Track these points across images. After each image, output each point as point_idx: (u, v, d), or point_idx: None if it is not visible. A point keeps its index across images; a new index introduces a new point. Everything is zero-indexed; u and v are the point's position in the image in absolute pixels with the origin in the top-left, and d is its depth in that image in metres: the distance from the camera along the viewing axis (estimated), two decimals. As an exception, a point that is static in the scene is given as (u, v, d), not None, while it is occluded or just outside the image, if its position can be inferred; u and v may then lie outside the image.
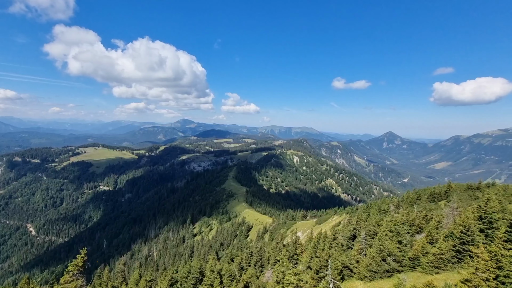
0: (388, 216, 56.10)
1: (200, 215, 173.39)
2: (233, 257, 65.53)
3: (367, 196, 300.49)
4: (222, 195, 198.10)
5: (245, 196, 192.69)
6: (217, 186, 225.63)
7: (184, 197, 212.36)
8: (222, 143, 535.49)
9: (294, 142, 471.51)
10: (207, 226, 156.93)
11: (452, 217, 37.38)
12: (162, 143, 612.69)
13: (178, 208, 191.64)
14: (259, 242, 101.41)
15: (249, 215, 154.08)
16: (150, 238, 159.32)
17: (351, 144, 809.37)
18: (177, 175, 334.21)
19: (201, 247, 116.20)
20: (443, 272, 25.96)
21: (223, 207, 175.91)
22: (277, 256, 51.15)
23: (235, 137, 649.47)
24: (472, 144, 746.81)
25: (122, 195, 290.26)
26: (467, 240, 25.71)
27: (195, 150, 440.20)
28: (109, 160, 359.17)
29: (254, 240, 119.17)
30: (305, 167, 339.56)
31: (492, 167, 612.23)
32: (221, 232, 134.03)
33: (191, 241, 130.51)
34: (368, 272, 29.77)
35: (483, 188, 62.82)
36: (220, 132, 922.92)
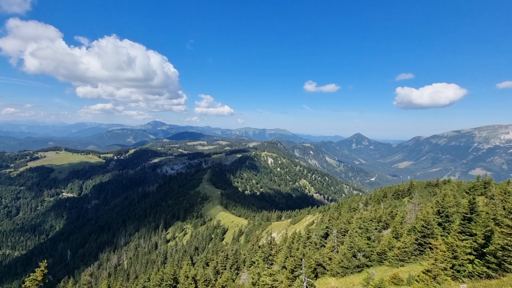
0: (357, 213, 58.94)
1: (173, 220, 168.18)
2: (208, 261, 64.48)
3: (338, 195, 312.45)
4: (197, 199, 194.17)
5: (220, 198, 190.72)
6: (191, 189, 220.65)
7: (157, 201, 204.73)
8: (196, 146, 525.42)
9: (268, 144, 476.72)
10: (181, 231, 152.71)
11: (414, 213, 40.24)
12: (132, 146, 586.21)
13: (150, 213, 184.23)
14: (234, 244, 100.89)
15: (224, 218, 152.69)
16: (119, 246, 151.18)
17: (322, 145, 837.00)
18: (149, 179, 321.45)
19: (175, 252, 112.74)
20: (407, 265, 27.84)
21: (198, 210, 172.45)
22: (252, 257, 51.29)
23: (209, 139, 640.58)
24: (431, 144, 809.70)
25: (88, 202, 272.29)
26: (427, 233, 27.86)
27: (167, 153, 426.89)
28: (73, 164, 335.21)
29: (229, 242, 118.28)
30: (279, 168, 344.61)
31: (448, 165, 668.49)
32: (196, 237, 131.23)
33: (164, 247, 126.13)
34: (340, 269, 31.00)
35: (440, 185, 68.39)
36: (194, 135, 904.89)
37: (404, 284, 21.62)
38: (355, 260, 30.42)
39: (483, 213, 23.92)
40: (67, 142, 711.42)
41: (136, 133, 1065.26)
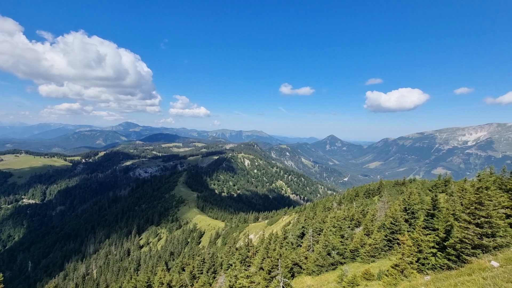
0: (332, 212, 60.92)
1: (147, 225, 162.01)
2: (184, 266, 62.96)
3: (313, 195, 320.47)
4: (172, 202, 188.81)
5: (196, 201, 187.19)
6: (166, 192, 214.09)
7: (129, 206, 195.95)
8: (171, 148, 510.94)
9: (245, 146, 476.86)
10: (156, 236, 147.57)
11: (384, 210, 42.48)
12: (102, 149, 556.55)
13: (122, 219, 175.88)
14: (211, 247, 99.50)
15: (201, 220, 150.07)
16: (88, 254, 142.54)
17: (298, 146, 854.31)
18: (120, 183, 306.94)
19: (149, 259, 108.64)
20: (378, 260, 29.31)
21: (173, 214, 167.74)
22: (230, 260, 50.97)
23: (185, 141, 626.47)
24: (398, 145, 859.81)
25: (52, 208, 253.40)
26: (396, 229, 29.58)
27: (140, 155, 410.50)
28: (34, 168, 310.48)
29: (206, 246, 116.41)
30: (256, 170, 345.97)
31: (413, 165, 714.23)
32: (171, 241, 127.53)
33: (138, 254, 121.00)
34: (315, 267, 31.85)
35: (406, 184, 72.84)
36: (169, 136, 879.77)
37: (375, 279, 22.75)
38: (329, 258, 31.43)
39: (444, 209, 25.89)
40: (28, 144, 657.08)
41: (106, 134, 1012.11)
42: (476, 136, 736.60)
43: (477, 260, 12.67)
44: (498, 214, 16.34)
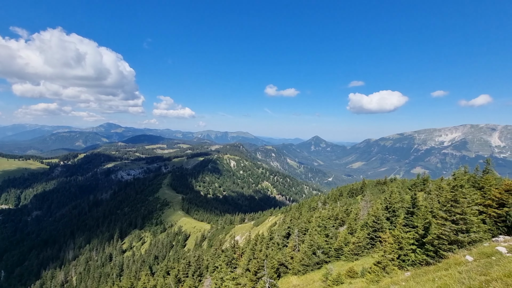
0: (317, 212, 61.87)
1: (130, 229, 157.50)
2: (169, 270, 61.72)
3: (299, 196, 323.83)
4: (156, 205, 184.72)
5: (181, 204, 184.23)
6: (149, 195, 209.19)
7: (111, 210, 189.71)
8: (155, 149, 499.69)
9: (230, 147, 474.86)
10: (139, 240, 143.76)
11: (366, 209, 43.65)
12: (82, 150, 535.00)
13: (104, 223, 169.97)
14: (197, 250, 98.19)
15: (186, 223, 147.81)
16: (67, 261, 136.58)
17: (284, 147, 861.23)
18: (102, 186, 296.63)
19: (132, 263, 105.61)
20: (361, 258, 30.08)
21: (157, 217, 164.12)
22: (216, 262, 50.52)
23: (169, 143, 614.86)
24: (379, 146, 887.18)
25: (28, 214, 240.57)
26: (378, 227, 30.49)
27: (123, 157, 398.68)
28: (7, 172, 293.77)
29: (192, 249, 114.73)
30: (242, 171, 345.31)
31: (394, 165, 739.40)
32: (155, 245, 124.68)
33: (120, 258, 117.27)
34: (301, 267, 32.22)
35: (388, 183, 75.25)
36: (152, 138, 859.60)
37: (359, 277, 23.33)
38: (314, 257, 31.91)
39: (423, 207, 26.99)
40: (1, 146, 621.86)
41: (86, 136, 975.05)
42: (451, 136, 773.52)
43: (453, 255, 13.33)
44: (472, 211, 17.27)
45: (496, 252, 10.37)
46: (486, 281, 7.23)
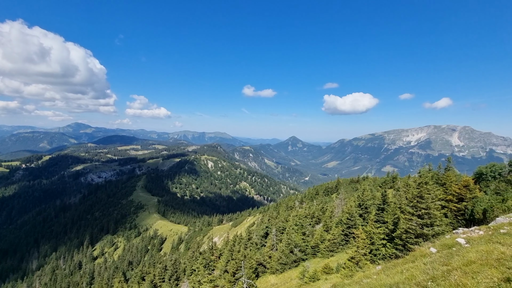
0: (294, 211, 63.01)
1: (102, 234, 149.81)
2: (144, 275, 59.60)
3: (277, 195, 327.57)
4: (130, 208, 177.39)
5: (157, 206, 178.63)
6: (123, 198, 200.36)
7: (80, 214, 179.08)
8: (128, 150, 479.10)
9: (208, 148, 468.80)
10: (112, 245, 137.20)
11: (341, 207, 45.23)
12: (47, 152, 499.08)
13: (72, 229, 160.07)
14: (174, 254, 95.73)
15: (162, 226, 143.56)
16: (30, 271, 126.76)
17: (261, 148, 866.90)
18: (70, 190, 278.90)
19: (104, 270, 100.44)
20: (336, 254, 31.14)
21: (131, 221, 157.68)
22: (193, 265, 49.64)
23: (144, 143, 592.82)
24: (352, 146, 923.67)
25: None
26: (351, 224, 31.76)
27: (93, 159, 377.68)
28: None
29: (168, 252, 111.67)
30: (219, 171, 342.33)
31: (366, 163, 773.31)
32: (129, 250, 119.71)
33: (91, 266, 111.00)
34: (279, 265, 32.65)
35: (360, 181, 78.56)
36: (125, 138, 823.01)
37: (334, 272, 24.15)
38: (292, 256, 32.50)
39: (392, 203, 28.56)
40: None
41: (52, 136, 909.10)
42: (417, 137, 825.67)
43: (419, 248, 14.24)
44: (435, 206, 18.60)
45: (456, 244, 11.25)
46: (448, 270, 7.85)
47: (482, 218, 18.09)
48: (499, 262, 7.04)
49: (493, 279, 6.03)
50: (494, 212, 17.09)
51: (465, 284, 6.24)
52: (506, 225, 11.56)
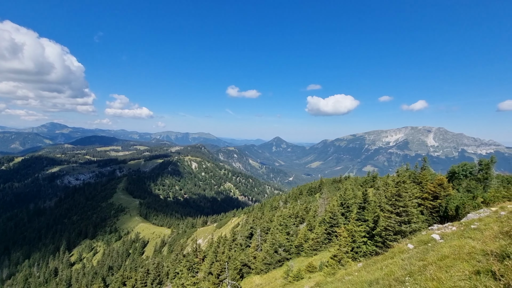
0: (278, 211, 63.50)
1: (79, 239, 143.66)
2: (125, 280, 57.76)
3: (261, 196, 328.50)
4: (110, 211, 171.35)
5: (139, 209, 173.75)
6: (102, 201, 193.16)
7: (56, 219, 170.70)
8: (108, 151, 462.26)
9: (192, 148, 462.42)
10: (90, 250, 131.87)
11: (324, 206, 46.10)
12: (19, 154, 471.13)
13: (47, 234, 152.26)
14: (156, 257, 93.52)
15: (144, 229, 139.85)
16: (0, 281, 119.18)
17: (246, 148, 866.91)
18: (45, 193, 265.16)
19: (82, 276, 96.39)
20: (319, 253, 31.71)
21: (111, 224, 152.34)
22: (176, 268, 48.73)
23: (125, 144, 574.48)
24: (335, 146, 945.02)
25: None
26: (334, 223, 32.46)
27: (70, 160, 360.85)
28: None
29: (151, 256, 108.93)
30: (204, 172, 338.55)
31: (348, 163, 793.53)
32: (110, 254, 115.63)
33: (68, 272, 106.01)
34: (263, 266, 32.78)
35: (342, 181, 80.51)
36: (105, 139, 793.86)
37: (317, 271, 24.59)
38: (276, 256, 32.73)
39: (372, 202, 29.48)
40: None
41: (24, 137, 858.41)
42: (395, 137, 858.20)
43: (397, 244, 14.84)
44: (412, 204, 19.43)
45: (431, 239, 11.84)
46: (424, 265, 8.25)
47: (455, 214, 19.11)
48: (470, 256, 7.49)
49: (464, 272, 6.40)
50: (465, 208, 18.11)
51: (439, 277, 6.58)
52: (476, 221, 12.31)
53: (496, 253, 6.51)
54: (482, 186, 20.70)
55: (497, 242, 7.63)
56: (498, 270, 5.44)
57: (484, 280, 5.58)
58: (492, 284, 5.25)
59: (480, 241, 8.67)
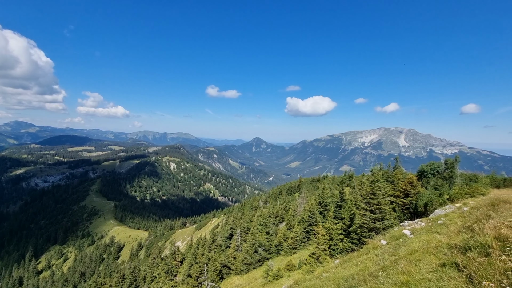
0: (258, 211, 63.73)
1: (48, 245, 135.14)
2: (99, 286, 55.16)
3: (241, 196, 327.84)
4: (82, 215, 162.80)
5: (114, 211, 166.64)
6: (74, 204, 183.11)
7: (21, 224, 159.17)
8: (80, 152, 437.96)
9: (170, 149, 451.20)
10: (60, 256, 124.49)
11: (303, 205, 46.96)
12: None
13: (11, 241, 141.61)
14: (133, 261, 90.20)
15: (120, 232, 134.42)
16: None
17: (226, 149, 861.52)
18: (8, 197, 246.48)
19: (51, 285, 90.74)
20: (298, 251, 32.24)
21: (84, 229, 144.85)
22: (154, 272, 47.37)
23: (98, 144, 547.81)
24: (313, 146, 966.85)
25: None
26: (312, 221, 33.18)
27: (38, 161, 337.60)
28: None
29: (127, 260, 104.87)
30: (182, 173, 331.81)
31: (326, 163, 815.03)
32: (82, 260, 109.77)
33: (34, 281, 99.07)
34: (243, 266, 32.76)
35: (321, 180, 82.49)
36: (77, 138, 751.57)
37: (296, 269, 25.00)
38: (256, 255, 32.85)
39: (349, 200, 30.51)
40: None
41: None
42: (370, 138, 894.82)
43: (372, 241, 15.48)
44: (385, 201, 20.36)
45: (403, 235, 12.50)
46: (395, 260, 8.69)
47: (424, 211, 20.27)
48: (437, 249, 8.00)
49: (432, 265, 6.83)
50: (433, 205, 19.29)
51: (409, 271, 6.96)
52: (442, 216, 13.16)
53: (460, 246, 7.01)
54: (447, 184, 22.15)
55: (460, 236, 8.21)
56: (461, 262, 5.86)
57: (449, 271, 5.99)
58: (456, 275, 5.64)
59: (445, 235, 9.30)
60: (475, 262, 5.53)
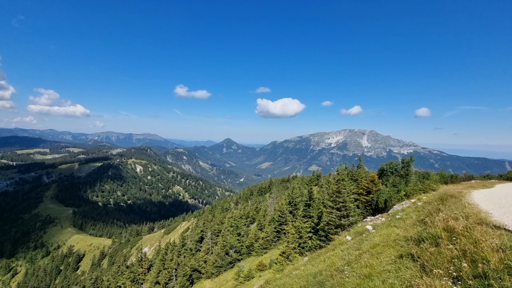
0: (229, 213, 63.38)
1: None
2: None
3: (212, 198, 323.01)
4: (35, 224, 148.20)
5: (72, 219, 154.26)
6: (25, 212, 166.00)
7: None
8: (32, 154, 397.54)
9: (136, 150, 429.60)
10: (8, 271, 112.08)
11: (273, 205, 47.69)
12: None
13: None
14: (94, 271, 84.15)
15: (80, 241, 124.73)
16: None
17: (196, 150, 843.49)
18: None
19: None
20: (269, 251, 32.65)
21: (37, 239, 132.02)
22: (118, 281, 44.70)
23: (54, 146, 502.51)
24: (283, 147, 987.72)
25: None
26: (283, 221, 33.84)
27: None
28: None
29: (87, 270, 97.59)
30: (150, 176, 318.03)
31: (295, 164, 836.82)
32: (34, 274, 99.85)
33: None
34: (214, 269, 32.32)
35: (291, 180, 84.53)
36: (28, 140, 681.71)
37: (267, 269, 25.29)
38: (227, 257, 32.61)
39: (317, 199, 31.65)
40: None
41: None
42: (336, 139, 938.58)
43: (338, 237, 16.25)
44: (350, 199, 21.49)
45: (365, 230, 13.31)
46: (359, 254, 9.24)
47: (384, 207, 21.77)
48: (395, 242, 8.66)
49: (391, 257, 7.39)
50: (392, 201, 20.80)
51: (371, 264, 7.45)
52: (400, 211, 14.26)
53: (414, 238, 7.69)
54: (404, 181, 24.05)
55: (415, 229, 9.00)
56: (416, 252, 6.43)
57: (405, 262, 6.53)
58: (412, 265, 6.19)
59: (402, 229, 10.11)
60: (427, 252, 6.13)
